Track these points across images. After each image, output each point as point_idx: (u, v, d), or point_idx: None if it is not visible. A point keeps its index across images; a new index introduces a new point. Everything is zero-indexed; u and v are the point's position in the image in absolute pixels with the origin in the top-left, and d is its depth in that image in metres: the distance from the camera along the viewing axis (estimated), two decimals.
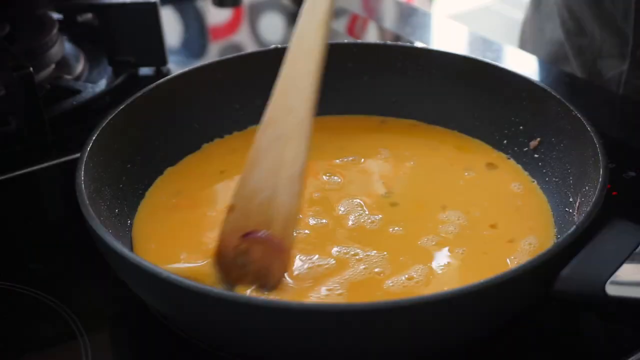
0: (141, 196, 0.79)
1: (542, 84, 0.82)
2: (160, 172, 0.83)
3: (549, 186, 0.79)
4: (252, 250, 0.68)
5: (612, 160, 0.83)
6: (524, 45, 1.29)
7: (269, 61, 0.89)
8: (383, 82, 0.91)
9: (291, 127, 0.67)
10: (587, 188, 0.70)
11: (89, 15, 1.15)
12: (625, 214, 0.64)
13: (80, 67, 1.08)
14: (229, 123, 0.89)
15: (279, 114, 0.68)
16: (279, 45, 0.91)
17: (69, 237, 0.80)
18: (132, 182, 0.79)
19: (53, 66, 1.04)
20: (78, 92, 1.00)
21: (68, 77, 1.05)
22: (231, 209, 0.69)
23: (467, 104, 0.88)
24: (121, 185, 0.77)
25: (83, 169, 0.70)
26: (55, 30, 1.04)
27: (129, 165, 0.79)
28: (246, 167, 0.69)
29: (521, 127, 0.84)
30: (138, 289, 0.65)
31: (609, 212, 0.64)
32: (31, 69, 0.89)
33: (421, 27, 1.28)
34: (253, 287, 0.67)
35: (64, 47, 1.07)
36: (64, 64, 1.07)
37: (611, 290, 0.58)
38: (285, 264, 0.68)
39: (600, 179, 0.67)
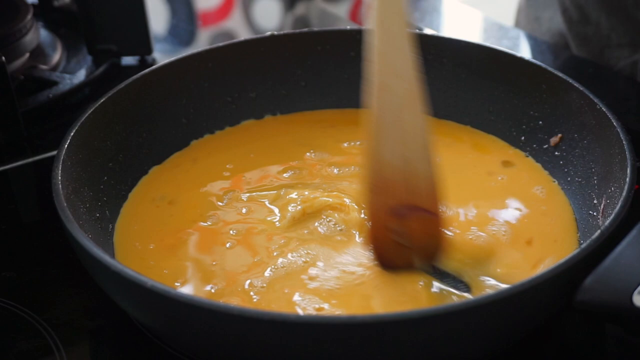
0: (124, 198, 0.80)
1: (563, 75, 0.81)
2: (145, 172, 0.83)
3: (571, 187, 0.79)
4: (405, 224, 0.70)
5: (638, 157, 0.83)
6: None
7: (265, 50, 0.90)
8: None
9: (403, 91, 0.68)
10: (612, 189, 0.70)
11: (67, 0, 1.15)
12: None
13: (57, 56, 1.08)
14: (220, 117, 0.89)
15: (388, 80, 0.69)
16: (275, 32, 0.91)
17: (45, 242, 0.80)
18: (114, 183, 0.79)
19: (27, 55, 1.04)
20: (55, 83, 1.00)
21: (44, 67, 1.05)
22: (370, 189, 0.71)
23: (481, 97, 0.88)
24: (102, 186, 0.77)
25: (60, 168, 0.70)
26: (29, 16, 1.04)
27: (110, 164, 0.79)
28: (369, 142, 0.70)
29: (540, 122, 0.84)
30: (119, 298, 0.65)
31: (638, 215, 0.64)
32: (3, 58, 0.89)
33: (431, 12, 1.28)
34: (419, 265, 0.71)
35: (39, 34, 1.07)
36: (39, 53, 1.07)
37: (639, 301, 0.58)
38: (441, 230, 0.72)
39: (627, 179, 0.67)
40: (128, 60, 1.10)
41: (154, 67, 0.86)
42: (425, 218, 0.71)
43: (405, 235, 0.70)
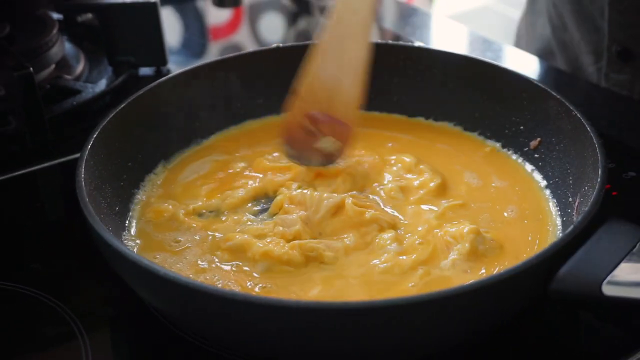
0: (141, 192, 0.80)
1: (542, 84, 0.82)
2: (155, 169, 0.83)
3: (548, 186, 0.79)
4: (318, 127, 0.79)
5: (612, 160, 0.83)
6: (519, 41, 1.30)
7: (271, 60, 0.90)
8: (382, 80, 0.91)
9: (355, 26, 0.77)
10: (586, 188, 0.70)
11: (89, 15, 1.15)
12: (624, 214, 0.64)
13: (80, 67, 1.08)
14: (228, 119, 0.90)
15: (344, 14, 0.77)
16: (280, 44, 0.91)
17: (69, 238, 0.80)
18: (133, 180, 0.79)
19: (53, 66, 1.04)
20: (78, 92, 1.00)
21: (68, 77, 1.05)
22: (297, 94, 0.80)
23: (468, 103, 0.88)
24: (122, 183, 0.77)
25: (84, 167, 0.70)
26: (55, 30, 1.04)
27: (129, 163, 0.79)
28: (312, 61, 0.79)
29: (522, 127, 0.84)
30: (134, 284, 0.65)
31: (608, 212, 0.64)
32: (31, 69, 0.89)
33: (421, 27, 1.28)
34: (319, 160, 0.80)
35: (64, 47, 1.07)
36: (64, 64, 1.07)
37: (608, 290, 0.58)
38: (349, 140, 0.80)
39: (599, 179, 0.67)
40: (145, 70, 1.09)
41: (166, 77, 0.86)
42: (337, 125, 0.79)
43: (317, 132, 0.79)
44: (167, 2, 1.32)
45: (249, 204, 0.79)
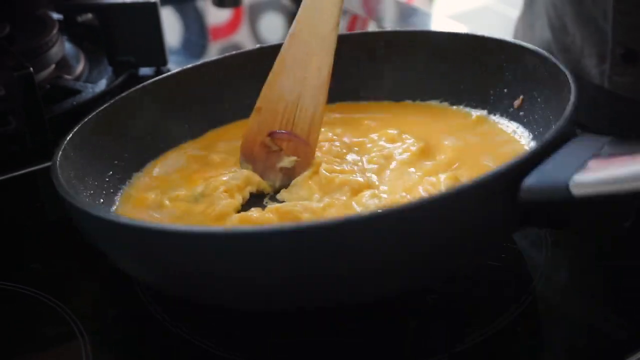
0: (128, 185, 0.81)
1: (516, 41, 0.82)
2: (143, 167, 0.83)
3: (534, 138, 0.79)
4: (278, 143, 0.79)
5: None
6: None
7: (269, 57, 0.90)
8: (364, 69, 0.91)
9: (317, 42, 0.77)
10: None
11: (89, 15, 1.15)
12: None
13: (80, 67, 1.08)
14: (220, 118, 0.90)
15: (305, 29, 0.77)
16: (264, 45, 0.91)
17: (69, 237, 0.79)
18: (120, 177, 0.79)
19: (53, 66, 1.04)
20: (78, 92, 1.00)
21: (68, 77, 1.05)
22: (257, 110, 0.80)
23: (450, 79, 0.88)
24: (107, 179, 0.77)
25: (62, 150, 0.71)
26: (55, 30, 1.04)
27: (116, 162, 0.79)
28: (272, 74, 0.79)
29: (505, 90, 0.84)
30: (100, 242, 0.66)
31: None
32: (31, 69, 0.89)
33: (421, 27, 1.27)
34: (280, 179, 0.78)
35: (64, 47, 1.07)
36: (64, 64, 1.07)
37: (577, 190, 0.55)
38: (310, 159, 0.78)
39: (571, 97, 0.66)
40: (145, 70, 1.09)
41: (157, 77, 0.86)
42: (298, 143, 0.78)
43: (274, 147, 0.79)
44: (167, 2, 1.32)
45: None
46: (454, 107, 0.89)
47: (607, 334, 0.68)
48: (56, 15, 1.11)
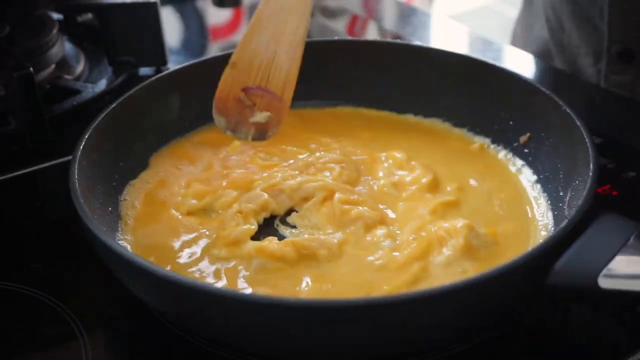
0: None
1: (530, 79, 0.82)
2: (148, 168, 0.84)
3: (539, 181, 0.79)
4: (254, 100, 0.79)
5: (612, 160, 0.83)
6: (515, 42, 1.30)
7: None
8: (372, 77, 0.92)
9: (294, 1, 0.77)
10: (577, 182, 0.70)
11: (89, 15, 1.15)
12: (625, 214, 0.64)
13: (80, 67, 1.08)
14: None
15: None
16: None
17: (69, 237, 0.79)
18: (124, 180, 0.80)
19: (53, 66, 1.04)
20: (78, 92, 1.00)
21: (68, 77, 1.05)
22: (233, 65, 0.79)
23: (456, 100, 0.88)
24: (114, 183, 0.78)
25: (77, 167, 0.70)
26: (55, 31, 1.04)
27: (121, 164, 0.80)
28: (248, 30, 0.79)
29: (511, 123, 0.84)
30: (134, 287, 0.65)
31: (607, 210, 0.64)
32: (31, 69, 0.89)
33: (421, 27, 1.28)
34: (252, 134, 0.79)
35: (64, 47, 1.07)
36: (64, 64, 1.07)
37: (604, 283, 0.57)
38: (283, 115, 0.79)
39: (590, 173, 0.67)
40: (145, 70, 1.09)
41: (154, 77, 0.86)
42: (274, 100, 0.79)
43: (252, 105, 0.79)
44: (167, 2, 1.32)
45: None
46: (457, 129, 0.89)
47: (607, 334, 0.68)
48: (56, 15, 1.11)
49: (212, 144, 0.87)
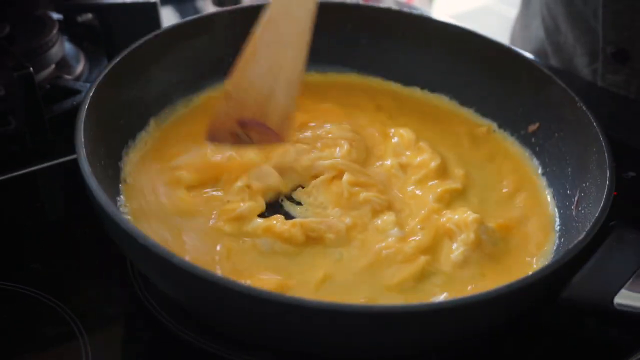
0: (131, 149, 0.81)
1: (547, 70, 0.81)
2: (147, 126, 0.83)
3: (544, 174, 0.79)
4: (249, 133, 0.75)
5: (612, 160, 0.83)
6: (514, 42, 1.30)
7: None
8: (382, 45, 0.91)
9: (291, 32, 0.72)
10: (587, 184, 0.70)
11: (89, 15, 1.15)
12: (625, 215, 0.64)
13: (80, 67, 1.08)
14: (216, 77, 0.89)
15: (279, 17, 0.72)
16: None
17: (68, 237, 0.79)
18: (124, 138, 0.79)
19: (53, 66, 1.04)
20: (78, 92, 1.00)
21: (68, 77, 1.04)
22: (227, 96, 0.75)
23: (465, 79, 0.88)
24: (113, 143, 0.77)
25: (82, 128, 0.69)
26: (55, 31, 1.04)
27: (121, 121, 0.79)
28: (243, 60, 0.74)
29: (520, 109, 0.83)
30: (147, 270, 0.65)
31: (609, 212, 0.64)
32: (31, 69, 0.89)
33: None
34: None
35: (64, 47, 1.07)
36: (64, 64, 1.07)
37: (619, 302, 0.58)
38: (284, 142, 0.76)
39: (607, 183, 0.66)
40: None
41: (157, 31, 0.86)
42: (269, 135, 0.75)
43: (244, 136, 0.76)
44: (167, 2, 1.32)
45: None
46: (463, 107, 0.88)
47: (607, 334, 0.68)
48: (56, 15, 1.10)
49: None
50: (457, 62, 0.88)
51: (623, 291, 0.58)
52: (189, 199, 0.74)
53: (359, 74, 0.92)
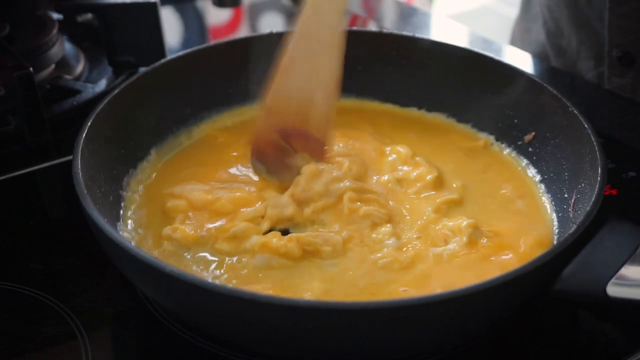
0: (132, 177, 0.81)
1: (537, 78, 0.81)
2: (148, 156, 0.84)
3: (543, 181, 0.79)
4: (290, 142, 0.77)
5: (612, 160, 0.83)
6: (514, 44, 1.30)
7: (264, 46, 0.90)
8: (376, 69, 0.91)
9: (324, 40, 0.74)
10: (583, 185, 0.70)
11: (89, 15, 1.15)
12: (625, 214, 0.64)
13: (80, 67, 1.08)
14: (218, 105, 0.90)
15: (311, 29, 0.74)
16: (274, 31, 0.91)
17: (69, 237, 0.79)
18: (125, 167, 0.80)
19: (53, 66, 1.04)
20: (78, 92, 1.00)
21: (68, 77, 1.05)
22: (267, 111, 0.77)
23: (461, 96, 0.88)
24: (115, 172, 0.78)
25: (80, 160, 0.70)
26: (55, 31, 1.04)
27: (122, 151, 0.79)
28: (280, 73, 0.75)
29: (515, 121, 0.84)
30: (141, 284, 0.65)
31: (608, 211, 0.64)
32: (31, 69, 0.89)
33: (421, 27, 1.28)
34: (291, 178, 0.76)
35: (64, 47, 1.07)
36: (64, 64, 1.07)
37: (612, 291, 0.58)
38: (324, 155, 0.78)
39: (599, 178, 0.67)
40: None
41: (156, 64, 0.86)
42: (311, 141, 0.76)
43: (287, 147, 0.77)
44: (167, 2, 1.32)
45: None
46: (461, 124, 0.89)
47: (607, 334, 0.68)
48: (56, 15, 1.11)
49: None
50: (451, 80, 0.89)
51: (615, 280, 0.58)
52: (190, 234, 0.74)
53: (356, 98, 0.93)
